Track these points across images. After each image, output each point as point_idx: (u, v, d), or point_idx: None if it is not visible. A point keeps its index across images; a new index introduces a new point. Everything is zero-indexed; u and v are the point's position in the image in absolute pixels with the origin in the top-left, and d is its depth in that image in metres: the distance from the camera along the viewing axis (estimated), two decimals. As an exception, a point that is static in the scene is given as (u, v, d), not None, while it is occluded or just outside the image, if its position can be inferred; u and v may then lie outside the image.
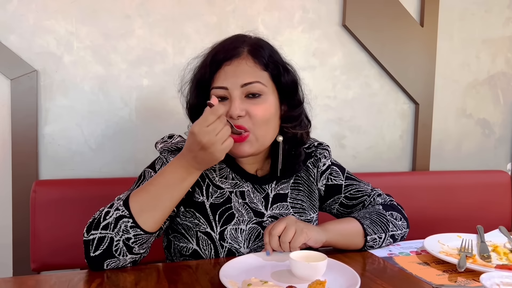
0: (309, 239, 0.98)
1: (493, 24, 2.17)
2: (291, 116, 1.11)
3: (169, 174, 0.94)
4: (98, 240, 0.92)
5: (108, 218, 0.93)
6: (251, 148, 1.04)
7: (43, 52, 1.57)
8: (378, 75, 2.01)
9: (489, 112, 2.24)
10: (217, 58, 1.04)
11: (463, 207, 1.92)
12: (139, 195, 0.94)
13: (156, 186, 0.94)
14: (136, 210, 0.92)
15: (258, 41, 1.09)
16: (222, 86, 1.02)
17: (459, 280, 0.92)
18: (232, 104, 1.01)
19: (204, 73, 1.05)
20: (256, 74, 1.03)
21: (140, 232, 0.92)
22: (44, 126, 1.60)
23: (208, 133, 0.88)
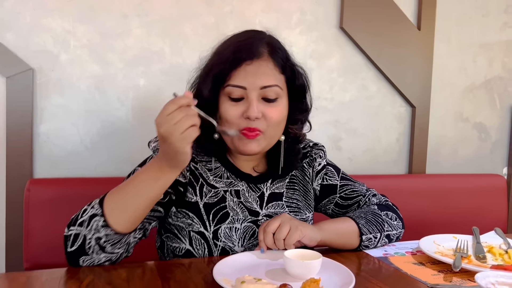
0: (304, 237, 0.98)
1: (490, 29, 2.18)
2: (298, 119, 1.13)
3: (143, 173, 0.92)
4: (74, 236, 0.91)
5: (84, 215, 0.92)
6: (259, 146, 1.05)
7: (39, 50, 1.56)
8: (375, 77, 2.01)
9: (486, 116, 2.24)
10: (238, 56, 1.01)
11: (459, 210, 1.92)
12: (114, 194, 0.93)
13: (130, 185, 0.92)
14: (108, 209, 0.90)
15: (275, 41, 1.07)
16: (241, 85, 1.00)
17: (454, 280, 0.91)
18: (250, 105, 1.00)
19: (223, 69, 1.01)
20: (275, 77, 1.03)
21: (110, 232, 0.90)
22: (39, 124, 1.59)
23: (166, 122, 0.84)
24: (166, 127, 0.83)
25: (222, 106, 1.04)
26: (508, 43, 2.22)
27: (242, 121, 1.02)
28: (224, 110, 1.03)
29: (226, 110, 1.03)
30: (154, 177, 0.90)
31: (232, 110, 1.02)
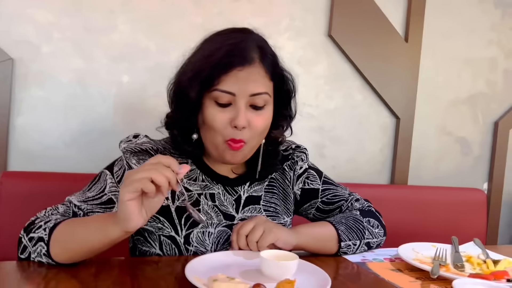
0: (278, 240, 0.95)
1: (475, 45, 2.21)
2: (281, 125, 1.10)
3: (95, 219, 0.89)
4: (23, 247, 0.90)
5: (36, 232, 0.90)
6: (243, 156, 1.02)
7: (21, 40, 1.52)
8: (361, 87, 2.02)
9: (469, 131, 2.26)
10: (230, 61, 0.95)
11: (439, 223, 1.91)
12: (65, 227, 0.89)
13: (80, 224, 0.89)
14: (53, 240, 0.87)
15: (265, 45, 1.02)
16: (231, 91, 0.95)
17: (431, 287, 0.90)
18: (239, 114, 0.95)
19: (212, 73, 0.95)
20: (265, 85, 0.99)
21: (51, 262, 0.87)
22: (16, 117, 1.55)
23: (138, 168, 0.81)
24: (130, 172, 0.81)
25: (207, 110, 0.98)
26: (492, 60, 2.25)
27: (229, 130, 0.97)
28: (211, 116, 0.97)
29: (213, 116, 0.97)
30: (98, 227, 0.85)
31: (219, 117, 0.97)
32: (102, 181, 1.03)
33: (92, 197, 1.00)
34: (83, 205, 0.99)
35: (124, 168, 1.02)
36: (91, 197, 1.00)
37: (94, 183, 1.03)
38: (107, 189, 1.01)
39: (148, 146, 1.04)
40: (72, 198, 1.01)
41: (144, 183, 0.78)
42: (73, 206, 0.99)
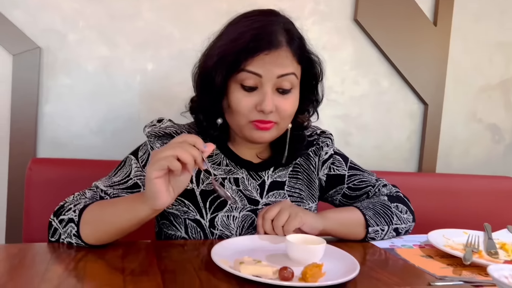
0: (304, 224, 0.94)
1: (508, 27, 2.12)
2: (308, 110, 1.10)
3: (124, 200, 0.91)
4: (54, 229, 0.92)
5: (66, 214, 0.91)
6: (270, 135, 1.01)
7: (47, 29, 1.54)
8: (388, 72, 1.97)
9: (500, 118, 2.18)
10: (257, 45, 0.93)
11: (469, 211, 1.86)
12: (95, 207, 0.91)
13: (111, 205, 0.91)
14: (83, 221, 0.88)
15: (292, 28, 1.00)
16: (257, 72, 0.94)
17: (463, 274, 0.87)
18: (265, 98, 0.94)
19: (238, 57, 0.93)
20: (293, 66, 0.97)
21: (80, 243, 0.89)
22: (44, 104, 1.58)
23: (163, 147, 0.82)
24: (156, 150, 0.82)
25: (232, 95, 0.97)
26: (526, 43, 2.16)
27: (255, 113, 0.96)
28: (236, 100, 0.96)
29: (239, 100, 0.96)
30: (127, 207, 0.87)
31: (244, 101, 0.96)
32: (127, 166, 1.03)
33: (118, 182, 1.01)
34: (109, 189, 1.00)
35: (148, 152, 1.03)
36: (117, 182, 1.01)
37: (119, 169, 1.04)
38: (132, 174, 1.01)
39: (172, 130, 1.04)
40: (98, 183, 1.02)
41: (170, 161, 0.78)
42: (99, 191, 1.00)
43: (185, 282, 0.72)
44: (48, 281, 0.69)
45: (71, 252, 0.83)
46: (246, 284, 0.73)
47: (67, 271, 0.74)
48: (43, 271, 0.74)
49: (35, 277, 0.70)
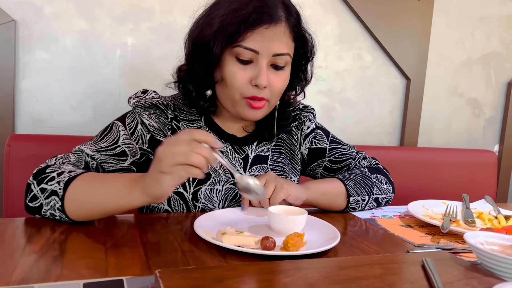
0: (289, 195, 0.95)
1: (490, 2, 2.13)
2: (296, 87, 1.10)
3: (117, 181, 0.84)
4: (33, 196, 0.86)
5: (49, 184, 0.85)
6: (262, 115, 1.02)
7: (22, 1, 1.49)
8: (371, 47, 1.97)
9: (481, 92, 2.21)
10: (258, 18, 0.92)
11: (449, 184, 1.90)
12: (81, 184, 0.84)
13: (99, 184, 0.85)
14: (69, 197, 0.83)
15: (290, 4, 1.00)
16: (255, 49, 0.93)
17: (441, 241, 0.89)
18: (260, 73, 0.94)
19: (239, 28, 0.92)
20: (288, 45, 0.97)
21: (65, 218, 0.84)
22: (21, 80, 1.53)
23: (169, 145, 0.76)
24: (165, 150, 0.75)
25: (227, 67, 0.96)
26: (508, 18, 2.17)
27: (249, 88, 0.96)
28: (231, 73, 0.95)
29: (234, 73, 0.95)
30: (121, 193, 0.82)
31: (240, 75, 0.95)
32: (114, 132, 1.00)
33: (105, 147, 0.99)
34: (96, 155, 0.97)
35: (137, 121, 1.01)
36: (104, 148, 0.98)
37: (105, 134, 1.01)
38: (120, 141, 0.99)
39: (158, 100, 1.03)
40: (83, 148, 0.98)
41: (189, 170, 0.74)
42: (85, 155, 0.97)
43: (167, 254, 0.72)
44: (28, 254, 0.69)
45: (52, 226, 0.83)
46: (228, 254, 0.74)
47: (47, 244, 0.73)
48: (23, 245, 0.73)
49: (16, 251, 0.70)
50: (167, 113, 1.04)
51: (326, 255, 0.77)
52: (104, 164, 0.97)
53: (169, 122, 1.03)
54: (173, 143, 0.75)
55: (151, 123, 1.01)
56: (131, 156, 0.99)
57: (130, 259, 0.69)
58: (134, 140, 0.99)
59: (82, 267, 0.65)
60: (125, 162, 0.99)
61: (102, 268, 0.65)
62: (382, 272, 0.66)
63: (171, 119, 1.04)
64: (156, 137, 1.01)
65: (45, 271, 0.63)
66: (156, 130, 1.01)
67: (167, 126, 1.03)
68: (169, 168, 0.74)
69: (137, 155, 0.99)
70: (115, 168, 0.98)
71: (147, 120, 1.01)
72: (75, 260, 0.67)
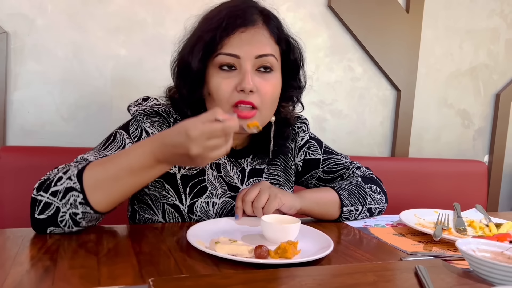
0: (283, 205, 0.95)
1: (477, 15, 2.17)
2: (291, 96, 1.07)
3: (135, 157, 0.79)
4: (45, 204, 0.82)
5: (58, 184, 0.81)
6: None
7: (14, 13, 1.49)
8: (361, 59, 1.99)
9: (470, 103, 2.24)
10: (232, 21, 0.92)
11: (440, 195, 1.91)
12: (96, 170, 0.81)
13: (117, 166, 0.80)
14: (90, 187, 0.80)
15: (268, 11, 1.00)
16: (234, 53, 0.92)
17: (434, 249, 0.90)
18: (245, 77, 0.91)
19: (214, 35, 0.92)
20: (271, 46, 0.95)
21: (89, 211, 0.81)
22: (13, 91, 1.53)
23: (205, 148, 0.74)
24: (201, 149, 0.74)
25: (212, 79, 0.94)
26: (494, 31, 2.22)
27: (235, 95, 0.93)
28: (216, 83, 0.93)
29: (218, 83, 0.93)
30: (148, 165, 0.79)
31: (224, 83, 0.93)
32: (119, 140, 0.98)
33: None
34: None
35: (141, 128, 0.99)
36: None
37: (109, 143, 0.99)
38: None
39: (160, 108, 1.02)
40: (87, 156, 0.94)
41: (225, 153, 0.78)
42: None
43: (160, 263, 0.72)
44: (19, 265, 0.68)
45: (43, 236, 0.82)
46: (222, 263, 0.73)
47: (39, 254, 0.72)
48: (14, 255, 0.72)
49: (7, 261, 0.69)
50: (170, 120, 1.02)
51: (320, 263, 0.77)
52: None
53: None
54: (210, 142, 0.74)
55: (154, 132, 0.99)
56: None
57: (123, 269, 0.68)
58: None
59: (74, 277, 0.64)
60: None
61: (94, 278, 0.64)
62: (375, 279, 0.66)
63: None
64: None
65: (37, 281, 0.62)
66: None
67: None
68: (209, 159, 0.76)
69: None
70: None
71: (150, 128, 1.00)
72: (67, 270, 0.67)
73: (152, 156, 0.79)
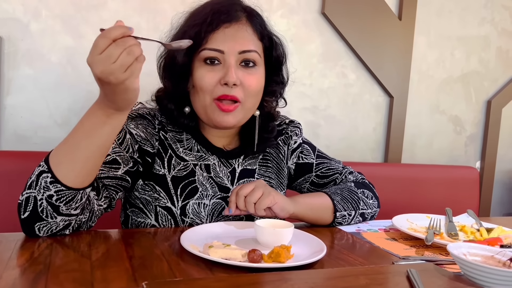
0: (275, 204, 0.95)
1: (469, 23, 2.20)
2: (274, 91, 1.10)
3: (86, 119, 0.79)
4: (25, 200, 0.82)
5: (32, 176, 0.82)
6: (235, 119, 1.00)
7: (8, 18, 1.49)
8: (354, 65, 2.01)
9: (462, 110, 2.26)
10: (217, 17, 0.95)
11: (432, 200, 1.93)
12: (59, 148, 0.82)
13: (74, 134, 0.80)
14: (54, 163, 0.80)
15: (252, 9, 1.03)
16: (218, 49, 0.95)
17: (426, 253, 0.90)
18: (228, 71, 0.95)
19: (199, 30, 0.95)
20: (254, 42, 0.99)
21: (61, 188, 0.79)
22: (6, 96, 1.53)
23: (101, 61, 0.69)
24: (103, 68, 0.69)
25: (196, 72, 0.98)
26: (485, 38, 2.25)
27: (218, 88, 0.96)
28: (199, 76, 0.97)
29: (202, 75, 0.97)
30: (99, 121, 0.78)
31: (208, 76, 0.96)
32: None
33: None
34: None
35: (125, 131, 1.00)
36: None
37: None
38: (110, 150, 0.97)
39: (144, 111, 1.04)
40: None
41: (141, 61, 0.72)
42: None
43: (154, 267, 0.72)
44: (12, 269, 0.68)
45: (36, 240, 0.82)
46: (215, 267, 0.74)
47: (32, 258, 0.72)
48: (7, 259, 0.72)
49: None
50: (155, 123, 1.04)
51: (313, 267, 0.77)
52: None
53: (156, 132, 1.04)
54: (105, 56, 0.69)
55: (138, 133, 1.01)
56: (124, 165, 0.97)
57: (116, 272, 0.68)
58: (124, 149, 0.98)
59: (67, 281, 0.64)
60: (118, 171, 0.96)
61: (88, 282, 0.64)
62: (367, 282, 0.67)
63: (158, 129, 1.04)
64: (143, 147, 1.01)
65: (30, 285, 0.62)
66: (143, 140, 1.01)
67: (155, 137, 1.03)
68: (124, 74, 0.70)
69: (130, 163, 0.97)
70: (108, 175, 0.95)
71: (134, 130, 1.01)
72: (60, 274, 0.66)
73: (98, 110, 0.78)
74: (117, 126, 0.80)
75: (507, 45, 2.29)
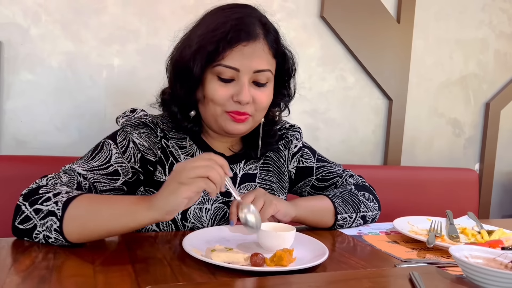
0: (278, 211, 0.95)
1: (467, 26, 2.21)
2: (280, 103, 1.12)
3: (120, 200, 0.83)
4: (25, 217, 0.82)
5: (44, 205, 0.81)
6: (245, 127, 1.02)
7: (8, 22, 1.50)
8: (353, 69, 2.02)
9: (460, 112, 2.27)
10: (236, 35, 0.94)
11: (432, 202, 1.93)
12: (83, 202, 0.82)
13: (103, 204, 0.82)
14: (69, 216, 0.79)
15: (268, 22, 1.02)
16: (235, 67, 0.95)
17: (427, 256, 0.91)
18: (242, 89, 0.96)
19: (217, 47, 0.94)
20: (268, 61, 0.99)
21: (61, 239, 0.80)
22: (6, 101, 1.53)
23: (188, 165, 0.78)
24: (185, 164, 0.77)
25: (209, 85, 0.98)
26: (483, 41, 2.26)
27: (231, 103, 0.98)
28: (212, 89, 0.97)
29: (215, 90, 0.97)
30: (126, 210, 0.80)
31: (221, 91, 0.97)
32: (106, 150, 0.99)
33: (97, 166, 0.96)
34: (89, 174, 0.94)
35: (128, 139, 1.00)
36: (96, 167, 0.96)
37: (96, 152, 0.99)
38: (112, 160, 0.97)
39: (147, 119, 1.03)
40: (75, 167, 0.94)
41: (207, 183, 0.77)
42: (77, 175, 0.93)
43: (156, 271, 0.72)
44: (15, 274, 0.68)
45: (38, 246, 0.81)
46: (218, 271, 0.74)
47: (35, 263, 0.72)
48: (10, 264, 0.72)
49: (2, 271, 0.68)
50: (157, 131, 1.04)
51: (315, 271, 0.78)
52: (97, 184, 0.95)
53: (158, 141, 1.04)
54: (193, 159, 0.79)
55: (142, 142, 1.01)
56: (123, 176, 0.98)
57: (119, 277, 0.68)
58: (126, 158, 0.98)
59: (70, 286, 0.64)
60: (117, 182, 0.97)
61: (91, 286, 0.64)
62: (370, 285, 0.67)
63: (160, 137, 1.04)
64: (146, 156, 1.01)
65: (33, 290, 0.62)
66: (146, 149, 1.01)
67: (157, 145, 1.03)
68: (189, 179, 0.76)
69: (129, 174, 0.98)
70: (108, 188, 0.96)
71: (137, 139, 1.01)
72: (63, 279, 0.67)
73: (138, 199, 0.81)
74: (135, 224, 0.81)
75: (505, 48, 2.30)
